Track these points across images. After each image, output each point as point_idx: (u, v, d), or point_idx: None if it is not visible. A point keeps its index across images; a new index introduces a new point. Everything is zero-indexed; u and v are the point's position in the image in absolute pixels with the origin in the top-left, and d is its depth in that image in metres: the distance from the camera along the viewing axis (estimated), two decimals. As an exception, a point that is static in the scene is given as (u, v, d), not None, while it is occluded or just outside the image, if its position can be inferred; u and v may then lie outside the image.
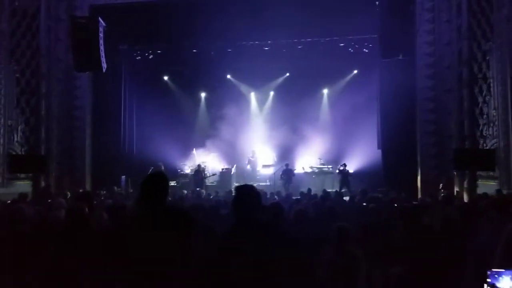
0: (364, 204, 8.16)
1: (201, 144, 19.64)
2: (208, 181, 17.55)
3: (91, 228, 4.17)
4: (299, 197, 10.87)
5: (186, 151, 19.62)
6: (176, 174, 18.74)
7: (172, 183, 17.50)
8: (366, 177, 16.73)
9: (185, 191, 12.80)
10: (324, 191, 11.61)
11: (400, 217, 5.44)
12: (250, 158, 19.22)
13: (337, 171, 16.82)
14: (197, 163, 18.56)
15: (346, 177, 16.24)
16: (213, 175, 17.67)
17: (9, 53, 14.21)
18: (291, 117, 19.32)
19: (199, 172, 17.18)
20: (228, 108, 19.23)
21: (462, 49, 13.46)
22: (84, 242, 3.89)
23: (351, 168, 17.10)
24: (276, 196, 11.19)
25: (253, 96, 21.23)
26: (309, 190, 12.22)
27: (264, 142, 19.87)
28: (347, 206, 8.72)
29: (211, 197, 11.62)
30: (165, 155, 18.36)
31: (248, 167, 19.20)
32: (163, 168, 17.09)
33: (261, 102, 21.16)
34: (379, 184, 15.33)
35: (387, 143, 15.90)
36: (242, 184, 3.29)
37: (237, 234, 2.89)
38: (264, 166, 19.08)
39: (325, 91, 20.57)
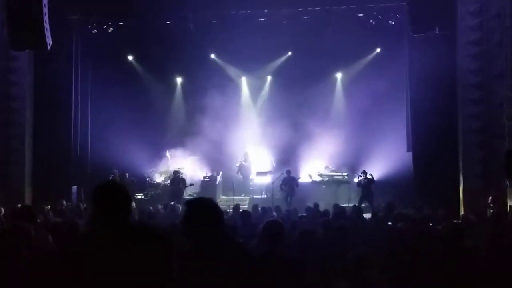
0: (390, 223, 8.19)
1: (176, 145, 19.59)
2: (186, 193, 17.54)
3: (32, 253, 4.15)
4: (304, 214, 10.87)
5: (157, 154, 19.58)
6: (144, 184, 18.68)
7: (139, 196, 17.44)
8: (392, 188, 16.78)
9: (160, 206, 12.76)
10: (337, 206, 11.61)
11: (436, 239, 5.45)
12: (242, 162, 19.22)
13: (357, 180, 16.85)
14: (171, 169, 18.50)
15: (369, 188, 16.27)
16: (190, 185, 17.64)
17: None
18: (294, 110, 19.37)
19: (176, 181, 17.13)
20: (211, 97, 19.19)
21: (516, 22, 13.52)
22: (23, 270, 3.88)
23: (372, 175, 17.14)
24: (274, 213, 11.18)
25: (244, 82, 21.22)
26: (316, 205, 12.23)
27: (259, 142, 19.88)
28: (368, 226, 8.73)
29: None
30: (130, 159, 18.31)
31: (239, 174, 19.21)
32: (118, 175, 17.08)
33: (255, 90, 21.17)
34: (409, 197, 15.35)
35: (419, 144, 15.94)
36: (196, 197, 3.28)
37: (195, 262, 2.90)
38: (259, 173, 19.08)
39: (339, 75, 20.58)
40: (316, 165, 19.07)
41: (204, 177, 18.60)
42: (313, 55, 18.90)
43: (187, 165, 19.27)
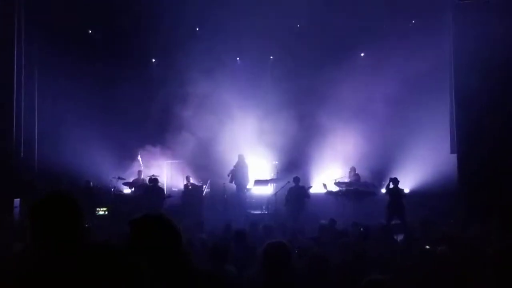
0: (428, 247, 8.16)
1: (150, 145, 19.57)
2: (165, 207, 17.52)
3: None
4: (316, 235, 10.85)
5: (124, 157, 19.61)
6: (108, 195, 18.59)
7: (101, 211, 17.39)
8: (431, 200, 16.70)
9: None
10: (358, 224, 11.61)
11: (487, 267, 5.40)
12: (237, 168, 19.11)
13: (384, 190, 16.79)
14: (143, 176, 18.43)
15: (399, 200, 16.20)
16: (168, 197, 17.62)
17: None
18: (304, 100, 19.44)
19: (154, 191, 17.07)
20: (196, 84, 19.21)
21: None
22: None
23: (405, 184, 17.10)
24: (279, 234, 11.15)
25: (239, 64, 21.22)
26: (333, 222, 12.21)
27: (258, 141, 19.86)
28: (399, 250, 8.71)
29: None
30: (90, 163, 18.30)
31: (232, 183, 19.14)
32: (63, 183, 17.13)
33: (253, 74, 21.11)
34: (452, 210, 15.31)
35: (466, 144, 15.90)
36: (144, 214, 3.22)
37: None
38: (259, 182, 19.04)
39: (361, 55, 20.62)
40: (332, 171, 19.04)
41: (187, 187, 18.50)
42: (328, 29, 18.92)
43: (164, 171, 19.21)
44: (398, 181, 16.45)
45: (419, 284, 5.76)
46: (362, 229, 11.60)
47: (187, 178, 18.93)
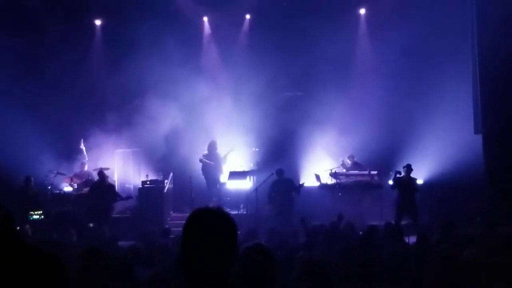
0: (450, 251, 8.22)
1: (96, 130, 19.48)
2: (115, 209, 17.46)
3: None
4: (306, 241, 10.91)
5: (65, 145, 19.55)
6: (44, 195, 18.48)
7: (35, 215, 17.32)
8: (451, 192, 16.90)
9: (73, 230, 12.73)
10: (349, 225, 11.68)
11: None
12: (205, 160, 18.97)
13: (391, 181, 16.79)
14: (88, 168, 18.45)
15: (411, 193, 16.21)
16: (128, 198, 17.51)
17: None
18: (290, 68, 19.45)
19: (101, 188, 16.97)
20: (152, 49, 19.16)
21: None
22: None
23: (417, 174, 17.12)
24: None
25: (207, 24, 21.23)
26: (334, 222, 12.26)
27: (232, 123, 19.84)
28: (414, 256, 8.79)
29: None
30: (20, 153, 18.27)
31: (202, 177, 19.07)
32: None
33: (225, 37, 21.03)
34: (477, 204, 15.42)
35: (494, 123, 15.97)
36: (199, 209, 3.23)
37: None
38: (234, 174, 18.92)
39: (362, 12, 20.69)
40: (327, 158, 19.11)
41: (144, 183, 18.44)
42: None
43: (116, 163, 19.19)
44: (412, 170, 16.32)
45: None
46: (361, 233, 11.72)
47: (156, 173, 18.98)
